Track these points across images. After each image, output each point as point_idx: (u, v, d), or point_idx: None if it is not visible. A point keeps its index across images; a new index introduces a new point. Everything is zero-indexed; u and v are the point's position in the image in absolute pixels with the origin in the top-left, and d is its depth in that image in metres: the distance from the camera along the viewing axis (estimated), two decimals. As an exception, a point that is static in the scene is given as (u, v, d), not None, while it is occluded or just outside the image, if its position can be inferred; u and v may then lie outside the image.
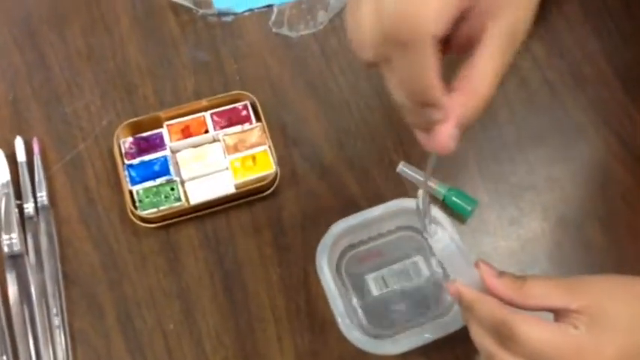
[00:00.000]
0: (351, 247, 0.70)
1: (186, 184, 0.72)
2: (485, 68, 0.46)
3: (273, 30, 0.81)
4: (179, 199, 0.71)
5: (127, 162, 0.73)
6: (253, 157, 0.73)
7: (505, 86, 0.79)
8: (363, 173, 0.75)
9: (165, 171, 0.72)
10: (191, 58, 0.80)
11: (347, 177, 0.75)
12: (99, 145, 0.76)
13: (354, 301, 0.69)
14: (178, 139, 0.73)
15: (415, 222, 0.67)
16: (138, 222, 0.71)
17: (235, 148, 0.73)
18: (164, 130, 0.74)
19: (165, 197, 0.71)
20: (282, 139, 0.76)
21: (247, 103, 0.75)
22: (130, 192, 0.72)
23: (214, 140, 0.74)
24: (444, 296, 0.68)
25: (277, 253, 0.72)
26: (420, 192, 0.58)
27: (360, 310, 0.68)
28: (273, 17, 0.82)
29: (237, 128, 0.74)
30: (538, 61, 0.80)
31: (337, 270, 0.69)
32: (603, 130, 0.78)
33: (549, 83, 0.80)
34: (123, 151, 0.73)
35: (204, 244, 0.72)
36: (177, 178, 0.72)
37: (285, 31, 0.81)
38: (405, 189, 0.74)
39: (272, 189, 0.73)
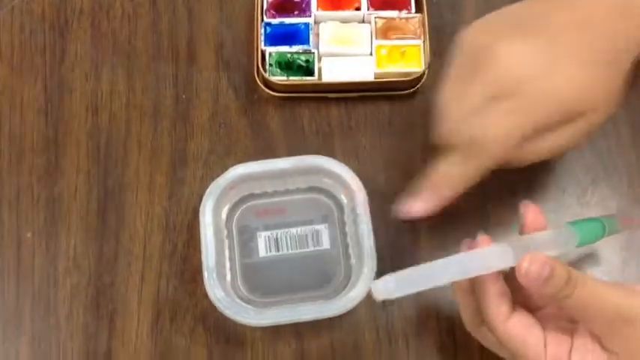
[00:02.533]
0: (252, 196, 0.63)
1: (322, 59, 0.67)
2: None
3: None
4: (311, 74, 0.66)
5: (266, 19, 0.68)
6: (403, 49, 0.67)
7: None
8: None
9: (304, 39, 0.67)
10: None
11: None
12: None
13: (237, 257, 0.61)
14: (326, 9, 0.68)
15: (330, 186, 0.62)
16: (262, 86, 0.66)
17: (385, 35, 0.67)
18: (313, -5, 0.68)
19: (298, 68, 0.67)
20: (439, 40, 0.67)
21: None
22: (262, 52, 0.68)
23: (364, 21, 0.68)
24: (337, 277, 0.61)
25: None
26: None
27: (239, 270, 0.61)
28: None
29: (393, 13, 0.68)
30: None
31: (228, 219, 0.62)
32: None
33: None
34: (264, 6, 0.68)
35: (318, 129, 0.68)
36: (314, 51, 0.66)
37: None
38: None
39: (413, 90, 0.66)
